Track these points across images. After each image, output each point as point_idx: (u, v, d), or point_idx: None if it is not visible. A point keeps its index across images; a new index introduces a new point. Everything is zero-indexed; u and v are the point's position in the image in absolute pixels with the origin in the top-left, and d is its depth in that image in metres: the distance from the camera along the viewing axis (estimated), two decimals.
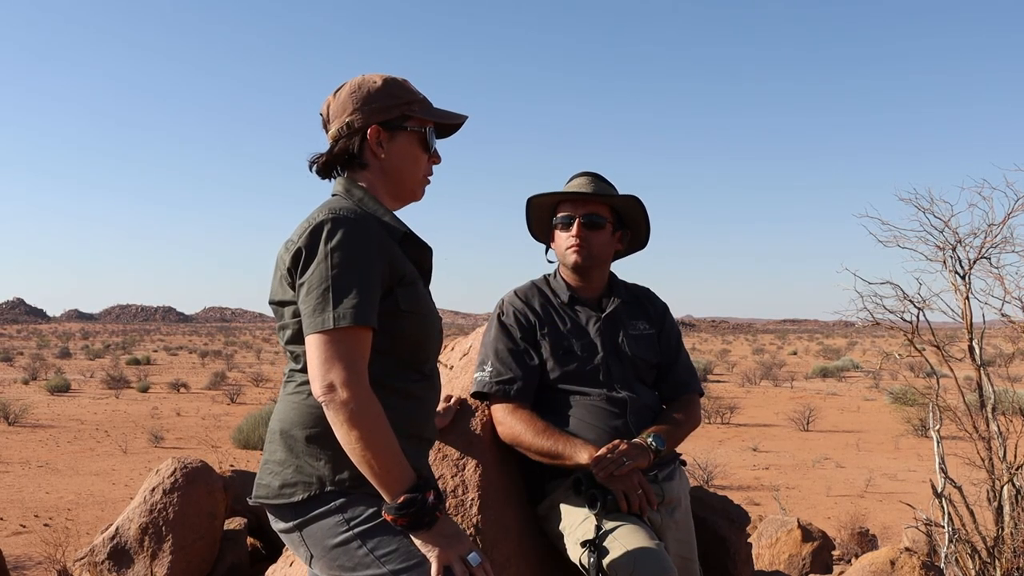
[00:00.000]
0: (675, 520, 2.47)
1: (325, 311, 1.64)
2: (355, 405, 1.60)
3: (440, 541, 1.65)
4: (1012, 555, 3.80)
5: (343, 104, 1.86)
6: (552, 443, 2.36)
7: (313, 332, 1.64)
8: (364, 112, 1.84)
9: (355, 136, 1.85)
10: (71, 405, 19.12)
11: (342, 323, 1.63)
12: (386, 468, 1.63)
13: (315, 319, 1.64)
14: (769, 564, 5.79)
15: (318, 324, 1.64)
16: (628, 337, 2.59)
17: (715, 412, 17.10)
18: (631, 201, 2.61)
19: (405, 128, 1.87)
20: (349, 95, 1.86)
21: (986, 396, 4.05)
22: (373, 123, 1.84)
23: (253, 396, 21.72)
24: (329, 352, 1.62)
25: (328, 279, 1.65)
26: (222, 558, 4.62)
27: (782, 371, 31.14)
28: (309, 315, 1.66)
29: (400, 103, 1.87)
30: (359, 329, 1.65)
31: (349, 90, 1.86)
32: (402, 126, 1.87)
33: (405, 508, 1.62)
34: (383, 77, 1.89)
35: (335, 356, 1.62)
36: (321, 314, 1.64)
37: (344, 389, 1.61)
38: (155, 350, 51.48)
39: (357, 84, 1.87)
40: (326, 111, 1.89)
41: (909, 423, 14.98)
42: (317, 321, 1.64)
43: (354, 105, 1.84)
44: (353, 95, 1.85)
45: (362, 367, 1.65)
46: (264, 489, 1.77)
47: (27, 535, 7.59)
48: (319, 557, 1.72)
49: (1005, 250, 4.10)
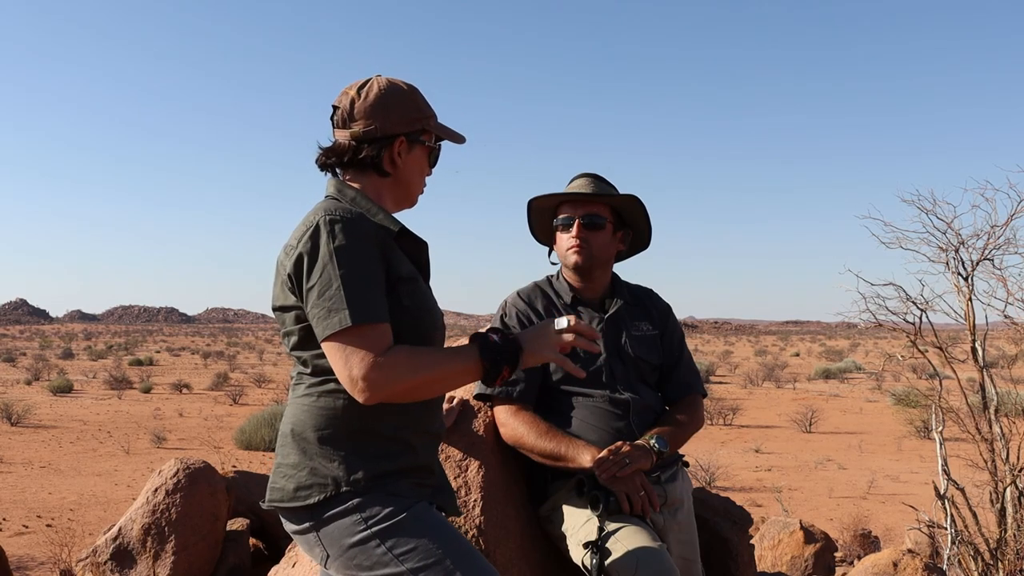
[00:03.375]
0: (677, 521, 2.47)
1: (341, 310, 1.63)
2: (385, 376, 1.61)
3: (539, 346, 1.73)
4: (1015, 557, 3.79)
5: (372, 107, 1.83)
6: (555, 445, 2.37)
7: (332, 332, 1.63)
8: (392, 119, 1.83)
9: (381, 142, 1.84)
10: (74, 406, 19.15)
11: (360, 320, 1.62)
12: (453, 369, 1.69)
13: (331, 320, 1.63)
14: (771, 566, 5.79)
15: (335, 324, 1.63)
16: (631, 338, 2.59)
17: (717, 413, 17.09)
18: (631, 201, 2.61)
19: (422, 142, 1.89)
20: (379, 99, 1.83)
21: (989, 398, 4.05)
22: (400, 133, 1.84)
23: (255, 397, 21.75)
24: (349, 350, 1.62)
25: (337, 278, 1.64)
26: (224, 559, 4.63)
27: (784, 372, 31.10)
28: (324, 317, 1.64)
29: (422, 116, 1.88)
30: (377, 325, 1.65)
31: (379, 94, 1.84)
32: (420, 140, 1.88)
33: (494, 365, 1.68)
34: (409, 86, 1.89)
35: (357, 351, 1.61)
36: (338, 313, 1.63)
37: (370, 373, 1.60)
38: (158, 351, 51.57)
39: (387, 87, 1.85)
40: (348, 106, 1.85)
41: (912, 425, 14.96)
42: (334, 321, 1.63)
43: (385, 112, 1.83)
44: (383, 101, 1.83)
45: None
46: (278, 492, 1.76)
47: (30, 536, 7.60)
48: (336, 557, 1.71)
49: (1008, 252, 4.11)
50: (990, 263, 4.12)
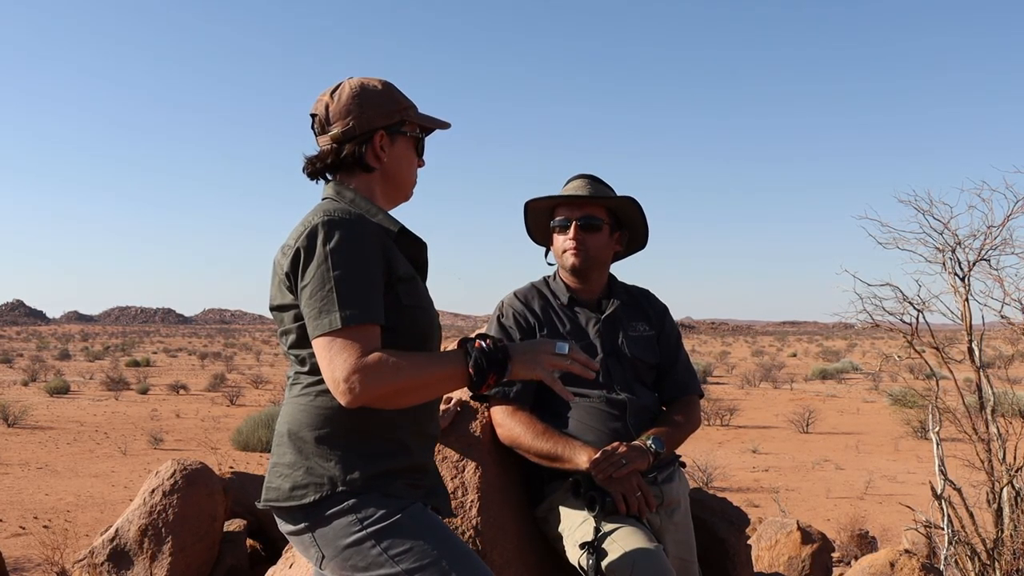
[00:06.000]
0: (674, 522, 2.47)
1: (332, 312, 1.63)
2: (368, 379, 1.60)
3: (529, 360, 1.74)
4: (1012, 557, 3.80)
5: (345, 106, 1.84)
6: (551, 445, 2.37)
7: (320, 334, 1.64)
8: (368, 116, 1.84)
9: (360, 140, 1.85)
10: (71, 407, 19.11)
11: (349, 322, 1.62)
12: (437, 375, 1.68)
13: (321, 320, 1.64)
14: (769, 566, 5.79)
15: (324, 326, 1.63)
16: (628, 338, 2.59)
17: (715, 414, 17.09)
18: (627, 202, 2.61)
19: (404, 133, 1.89)
20: (351, 98, 1.85)
21: (985, 398, 4.05)
22: (378, 127, 1.85)
23: (253, 398, 21.71)
24: (336, 350, 1.62)
25: (330, 279, 1.65)
26: (222, 560, 4.62)
27: (782, 373, 31.11)
28: (315, 317, 1.65)
29: (400, 108, 1.88)
30: (367, 326, 1.65)
31: (350, 93, 1.85)
32: (401, 131, 1.88)
33: (479, 373, 1.68)
34: (381, 81, 1.89)
35: (342, 353, 1.61)
36: (328, 315, 1.63)
37: (354, 376, 1.59)
38: (155, 352, 51.46)
39: (358, 87, 1.86)
40: (323, 112, 1.86)
41: (909, 425, 14.97)
42: (324, 323, 1.63)
43: (359, 108, 1.84)
44: (356, 98, 1.85)
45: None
46: (274, 492, 1.76)
47: (26, 537, 7.58)
48: (331, 558, 1.71)
49: (1005, 252, 4.11)
50: (987, 263, 4.13)
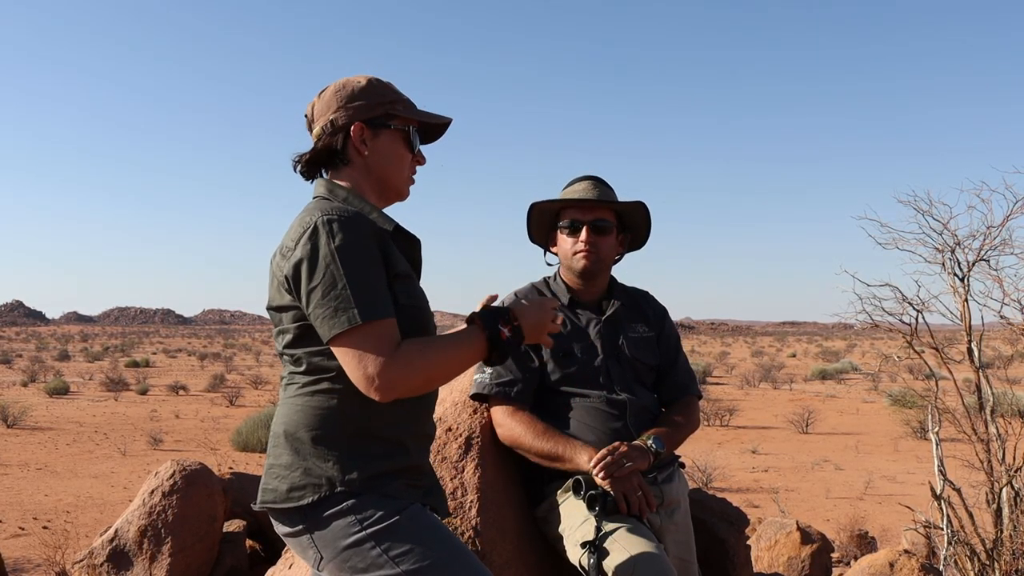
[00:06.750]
0: (674, 522, 2.48)
1: (349, 309, 1.62)
2: (401, 371, 1.62)
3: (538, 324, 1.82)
4: (1011, 557, 3.80)
5: (327, 103, 1.86)
6: (552, 445, 2.37)
7: (339, 332, 1.62)
8: (348, 110, 1.84)
9: (339, 133, 1.85)
10: (70, 407, 19.10)
11: (371, 317, 1.62)
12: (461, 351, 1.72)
13: (338, 319, 1.62)
14: (768, 566, 5.79)
15: (343, 323, 1.62)
16: (628, 340, 2.60)
17: (714, 414, 17.09)
18: (638, 206, 2.62)
19: (389, 126, 1.88)
20: (333, 94, 1.87)
21: (985, 398, 4.05)
22: (357, 120, 1.84)
23: (252, 398, 21.70)
24: (362, 348, 1.61)
25: (342, 278, 1.63)
26: (221, 560, 4.62)
27: (781, 373, 31.12)
28: (331, 317, 1.63)
29: (384, 101, 1.87)
30: (385, 321, 1.65)
31: (333, 90, 1.87)
32: (386, 124, 1.87)
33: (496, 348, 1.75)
34: (367, 77, 1.90)
35: (367, 349, 1.61)
36: (345, 313, 1.62)
37: (385, 371, 1.60)
38: (154, 352, 51.44)
39: (341, 84, 1.88)
40: (310, 112, 1.90)
41: (908, 425, 14.98)
42: (341, 320, 1.62)
43: (338, 103, 1.85)
44: (337, 94, 1.86)
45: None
46: (271, 494, 1.74)
47: (26, 537, 7.58)
48: (329, 559, 1.70)
49: (1004, 252, 4.11)
50: (986, 264, 4.13)
